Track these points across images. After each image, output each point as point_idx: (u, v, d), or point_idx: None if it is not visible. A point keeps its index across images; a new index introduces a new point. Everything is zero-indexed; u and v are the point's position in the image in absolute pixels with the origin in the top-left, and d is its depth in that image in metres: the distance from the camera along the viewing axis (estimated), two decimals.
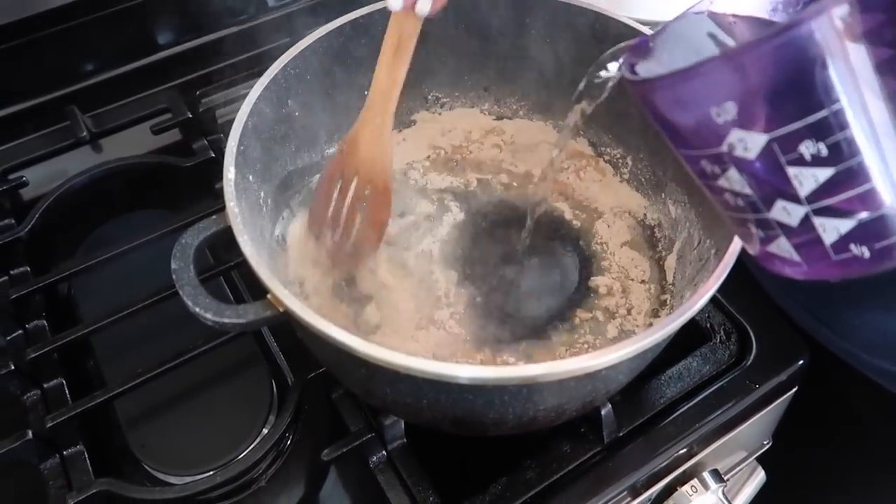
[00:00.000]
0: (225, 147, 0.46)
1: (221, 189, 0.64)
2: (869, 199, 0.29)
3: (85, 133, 0.69)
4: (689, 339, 0.57)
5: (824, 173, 0.29)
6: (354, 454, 0.50)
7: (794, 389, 0.59)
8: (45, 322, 0.59)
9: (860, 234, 0.30)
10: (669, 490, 0.55)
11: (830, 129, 0.28)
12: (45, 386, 0.55)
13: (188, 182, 0.67)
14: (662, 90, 0.31)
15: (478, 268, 0.57)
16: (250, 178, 0.48)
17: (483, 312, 0.54)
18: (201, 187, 0.67)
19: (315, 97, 0.55)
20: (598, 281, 0.56)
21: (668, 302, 0.55)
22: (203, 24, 0.76)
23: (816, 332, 0.58)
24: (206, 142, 0.69)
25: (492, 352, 0.52)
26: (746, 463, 0.65)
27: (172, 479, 0.52)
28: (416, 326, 0.53)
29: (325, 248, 0.54)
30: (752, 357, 0.56)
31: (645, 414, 0.53)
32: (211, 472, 0.50)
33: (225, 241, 0.44)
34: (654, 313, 0.55)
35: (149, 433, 0.53)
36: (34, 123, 0.72)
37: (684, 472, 0.55)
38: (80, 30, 0.71)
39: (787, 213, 0.31)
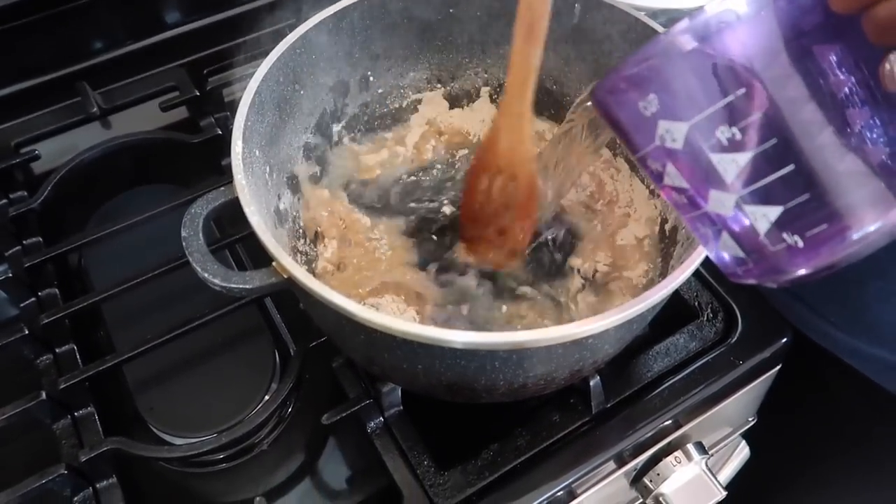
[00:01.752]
0: (231, 124, 0.47)
1: (227, 166, 0.67)
2: (790, 182, 0.30)
3: (95, 109, 0.71)
4: (677, 316, 0.59)
5: (743, 157, 0.30)
6: (353, 420, 0.52)
7: (778, 367, 0.61)
8: (57, 290, 0.61)
9: (789, 220, 0.30)
10: (654, 460, 0.57)
11: (740, 113, 0.29)
12: (58, 351, 0.57)
13: (195, 158, 0.69)
14: (602, 93, 0.33)
15: None
16: (256, 152, 0.50)
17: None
18: (208, 164, 0.69)
19: (320, 76, 0.57)
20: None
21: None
22: (211, 4, 0.78)
23: (789, 309, 0.60)
24: (213, 119, 0.71)
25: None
26: (731, 438, 0.67)
27: (178, 441, 0.54)
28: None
29: (475, 249, 0.54)
30: (737, 335, 0.58)
31: (632, 386, 0.55)
32: (215, 435, 0.52)
33: (230, 216, 0.46)
34: None
35: (156, 397, 0.56)
36: (46, 99, 0.74)
37: (669, 443, 0.57)
38: (91, 8, 0.73)
39: (721, 203, 0.32)
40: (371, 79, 0.61)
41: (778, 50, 0.29)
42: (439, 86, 0.65)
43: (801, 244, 0.30)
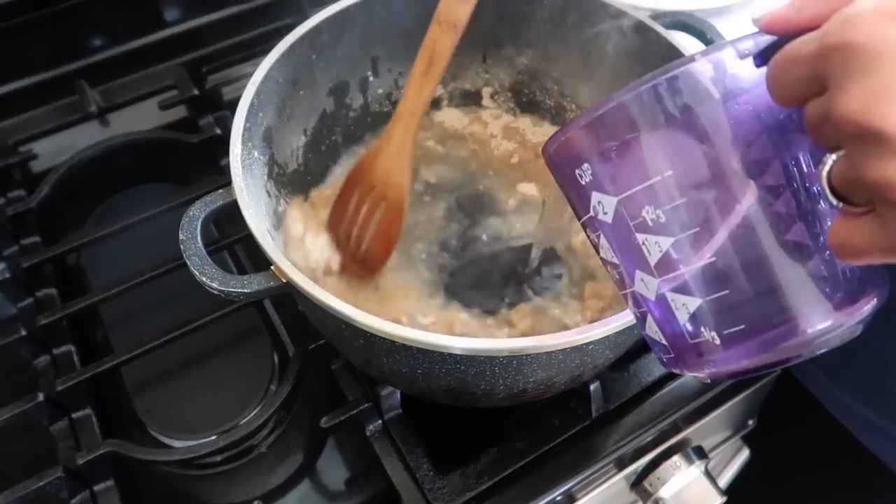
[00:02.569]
0: (230, 124, 0.47)
1: (226, 165, 0.66)
2: (709, 275, 0.28)
3: (93, 107, 0.71)
4: None
5: (666, 242, 0.29)
6: (352, 423, 0.52)
7: (777, 370, 0.60)
8: (55, 291, 0.60)
9: (708, 315, 0.29)
10: (654, 464, 0.57)
11: (665, 197, 0.28)
12: (55, 352, 0.57)
13: (194, 158, 0.69)
14: (549, 152, 0.32)
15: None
16: (255, 153, 0.49)
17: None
18: (207, 163, 0.69)
19: (320, 77, 0.56)
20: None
21: None
22: (211, 2, 0.77)
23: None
24: (212, 118, 0.70)
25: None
26: (731, 441, 0.67)
27: (176, 443, 0.54)
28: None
29: (339, 251, 0.54)
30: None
31: (633, 390, 0.55)
32: (213, 437, 0.52)
33: (229, 216, 0.45)
34: None
35: (154, 399, 0.55)
36: (44, 97, 0.73)
37: (669, 447, 0.57)
38: (90, 5, 0.72)
39: (645, 285, 0.30)
40: (371, 79, 0.61)
41: (719, 137, 0.28)
42: (439, 87, 0.64)
43: (717, 341, 0.29)
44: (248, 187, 0.45)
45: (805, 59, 0.24)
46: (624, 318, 0.38)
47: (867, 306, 0.29)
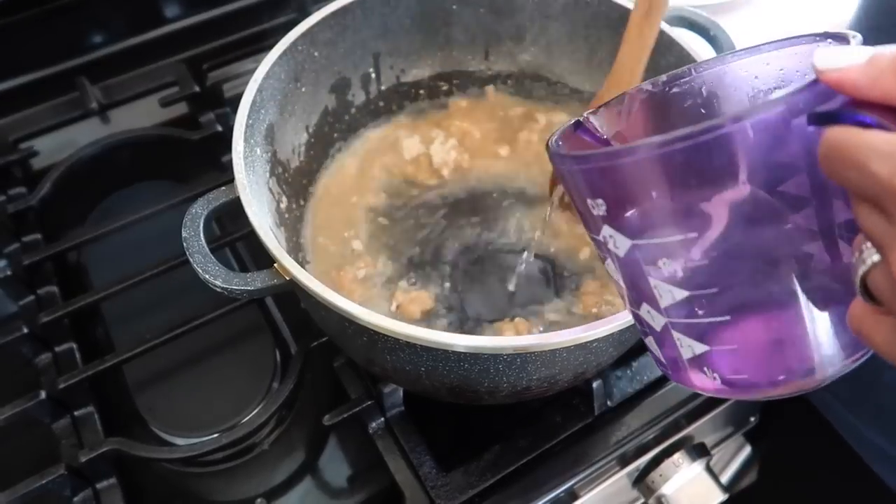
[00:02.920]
0: (231, 121, 0.47)
1: (227, 162, 0.66)
2: (720, 333, 0.28)
3: (94, 104, 0.71)
4: None
5: (680, 294, 0.28)
6: (354, 420, 0.52)
7: None
8: (56, 288, 0.60)
9: (712, 361, 0.29)
10: (657, 461, 0.57)
11: (685, 256, 0.27)
12: (57, 350, 0.57)
13: (195, 155, 0.69)
14: (556, 159, 0.30)
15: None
16: (258, 151, 0.49)
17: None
18: (208, 160, 0.68)
19: (322, 73, 0.56)
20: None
21: None
22: None
23: None
24: (213, 116, 0.70)
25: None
26: (733, 438, 0.67)
27: (178, 441, 0.54)
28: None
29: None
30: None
31: (635, 388, 0.55)
32: (216, 435, 0.52)
33: (231, 214, 0.45)
34: None
35: (156, 397, 0.55)
36: (44, 94, 0.73)
37: (672, 444, 0.57)
38: (91, 2, 0.72)
39: (651, 317, 0.30)
40: (372, 76, 0.61)
41: (751, 205, 0.25)
42: (442, 83, 0.64)
43: (719, 382, 0.29)
44: (251, 185, 0.45)
45: (869, 175, 0.22)
46: (627, 316, 0.38)
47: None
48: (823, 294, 0.27)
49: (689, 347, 0.29)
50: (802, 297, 0.27)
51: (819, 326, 0.27)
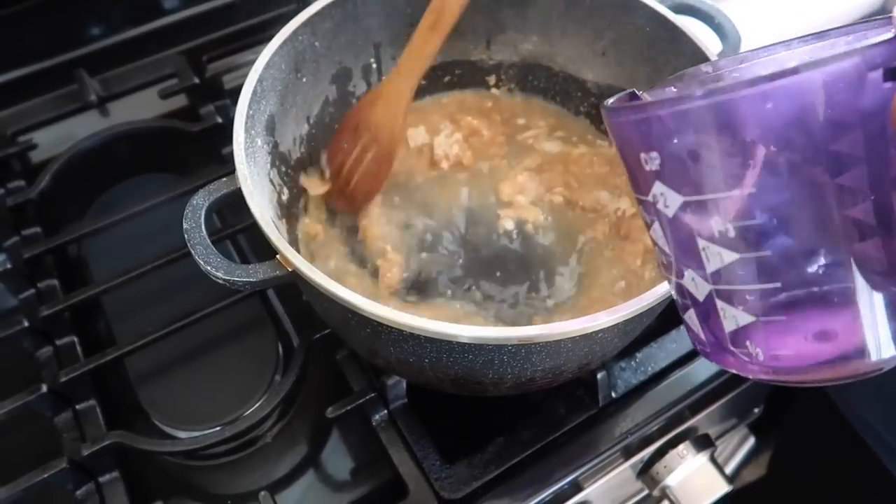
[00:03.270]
0: (231, 113, 0.46)
1: (228, 155, 0.66)
2: (771, 297, 0.27)
3: (93, 97, 0.70)
4: None
5: (729, 256, 0.27)
6: (357, 413, 0.52)
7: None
8: (56, 282, 0.60)
9: (758, 333, 0.27)
10: (661, 452, 0.57)
11: (739, 214, 0.26)
12: (58, 343, 0.56)
13: (195, 147, 0.68)
14: (610, 118, 0.29)
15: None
16: (258, 142, 0.49)
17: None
18: (208, 152, 0.68)
19: (323, 64, 0.56)
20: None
21: None
22: None
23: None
24: (212, 107, 0.70)
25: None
26: (737, 429, 0.67)
27: (181, 434, 0.53)
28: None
29: (331, 182, 0.57)
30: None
31: (639, 379, 0.55)
32: (218, 428, 0.52)
33: (231, 206, 0.45)
34: None
35: (158, 390, 0.55)
36: (42, 87, 0.73)
37: (676, 435, 0.57)
38: None
39: (695, 285, 0.29)
40: (374, 66, 0.60)
41: (817, 161, 0.24)
42: (441, 73, 0.64)
43: (761, 357, 0.28)
44: (252, 176, 0.44)
45: None
46: (632, 307, 0.38)
47: None
48: (879, 268, 0.26)
49: (732, 318, 0.28)
50: (856, 270, 0.26)
51: (875, 304, 0.26)
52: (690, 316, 0.30)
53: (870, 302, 0.26)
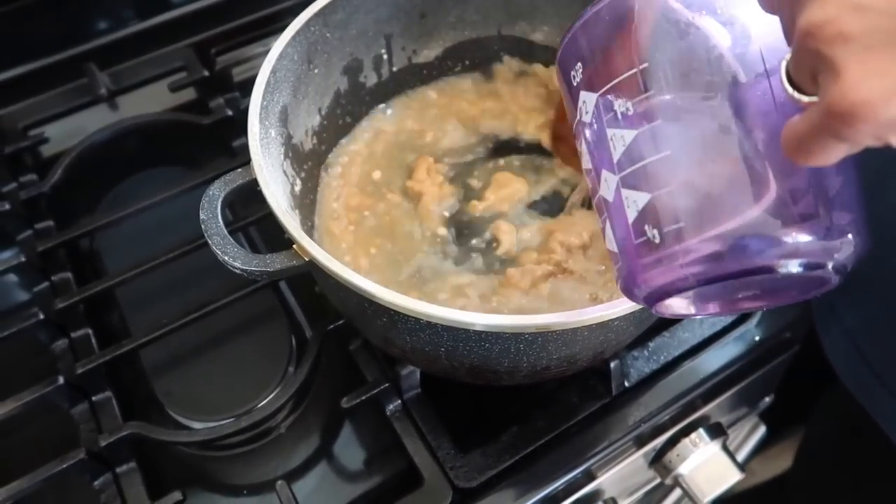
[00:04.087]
0: (241, 105, 0.46)
1: (238, 147, 0.66)
2: (661, 170, 0.29)
3: (103, 90, 0.70)
4: None
5: (629, 135, 0.30)
6: (371, 403, 0.52)
7: (796, 347, 0.60)
8: (70, 275, 0.60)
9: (652, 212, 0.29)
10: (673, 441, 0.57)
11: (636, 88, 0.29)
12: (73, 335, 0.57)
13: (206, 140, 0.68)
14: (557, 62, 0.34)
15: None
16: (272, 133, 0.49)
17: None
18: (218, 145, 0.68)
19: (334, 55, 0.56)
20: None
21: None
22: None
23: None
24: (222, 100, 0.69)
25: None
26: (749, 418, 0.67)
27: (196, 425, 0.54)
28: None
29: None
30: (757, 315, 0.58)
31: (651, 368, 0.55)
32: (233, 419, 0.52)
33: (243, 198, 0.45)
34: None
35: (173, 381, 0.55)
36: (53, 81, 0.73)
37: (688, 424, 0.57)
38: None
39: (607, 185, 0.31)
40: (385, 58, 0.60)
41: (697, 42, 0.29)
42: (452, 62, 0.64)
43: (657, 238, 0.29)
44: (267, 166, 0.45)
45: None
46: None
47: (836, 242, 0.27)
48: (760, 149, 0.28)
49: (633, 205, 0.30)
50: (740, 148, 0.28)
51: (756, 179, 0.27)
52: (608, 235, 0.32)
53: (752, 181, 0.28)
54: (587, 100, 0.31)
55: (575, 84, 0.32)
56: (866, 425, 0.56)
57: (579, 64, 0.32)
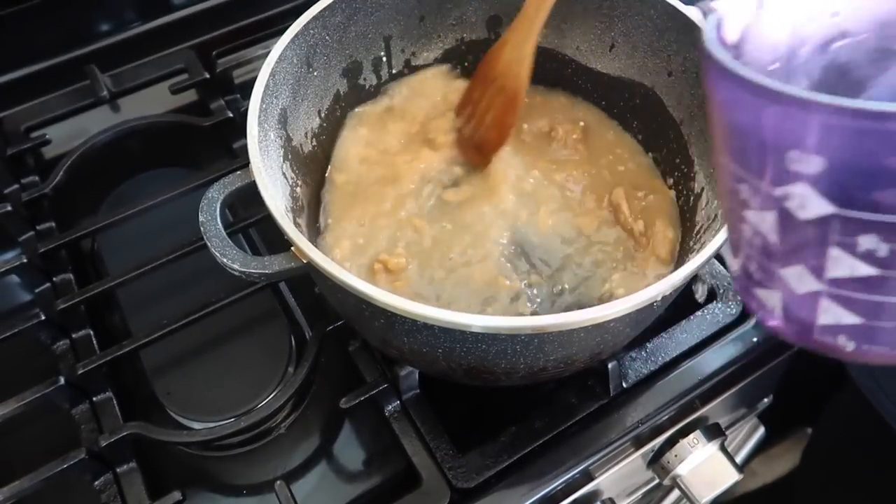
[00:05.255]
0: (241, 107, 0.47)
1: (239, 149, 0.66)
2: (888, 312, 0.25)
3: (105, 92, 0.71)
4: (695, 297, 0.58)
5: (866, 270, 0.24)
6: (370, 403, 0.52)
7: (795, 348, 0.60)
8: (71, 276, 0.61)
9: (858, 332, 0.26)
10: (672, 442, 0.57)
11: None
12: (74, 336, 0.57)
13: (207, 141, 0.69)
14: (743, 94, 0.24)
15: None
16: (271, 135, 0.49)
17: None
18: (219, 147, 0.68)
19: (333, 57, 0.56)
20: None
21: None
22: None
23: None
24: (223, 102, 0.70)
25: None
26: (747, 419, 0.67)
27: (196, 425, 0.54)
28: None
29: (459, 139, 0.58)
30: (756, 316, 0.58)
31: (650, 369, 0.55)
32: (233, 419, 0.52)
33: (243, 200, 0.45)
34: None
35: (173, 381, 0.56)
36: (54, 83, 0.73)
37: (686, 425, 0.57)
38: None
39: (799, 280, 0.26)
40: (384, 60, 0.60)
41: None
42: (449, 65, 0.64)
43: (850, 349, 0.27)
44: (266, 168, 0.45)
45: None
46: (644, 296, 0.38)
47: None
48: None
49: (833, 316, 0.26)
50: None
51: None
52: (769, 295, 0.28)
53: None
54: (810, 200, 0.24)
55: (790, 170, 0.24)
56: (878, 424, 0.56)
57: (819, 159, 0.23)
